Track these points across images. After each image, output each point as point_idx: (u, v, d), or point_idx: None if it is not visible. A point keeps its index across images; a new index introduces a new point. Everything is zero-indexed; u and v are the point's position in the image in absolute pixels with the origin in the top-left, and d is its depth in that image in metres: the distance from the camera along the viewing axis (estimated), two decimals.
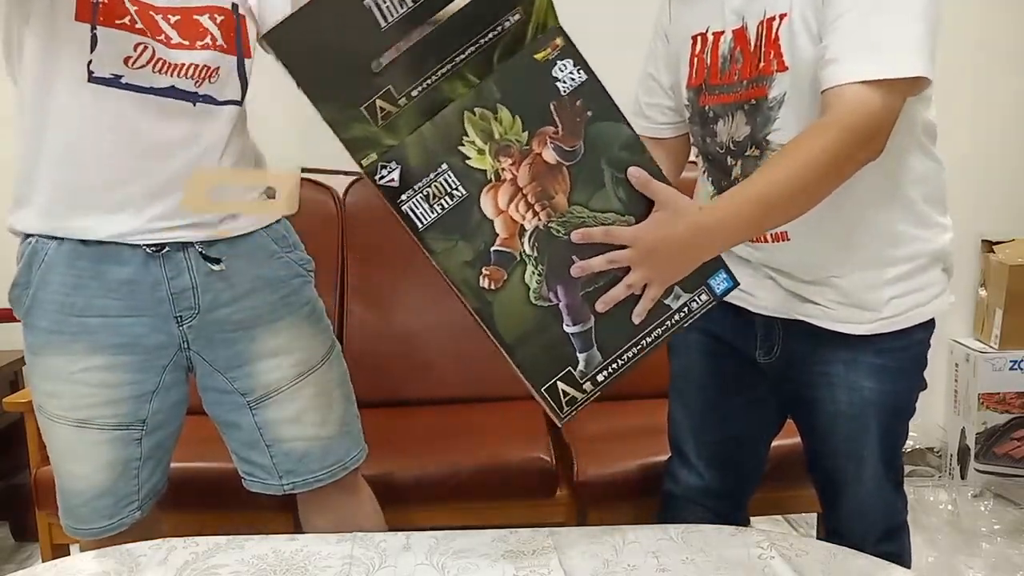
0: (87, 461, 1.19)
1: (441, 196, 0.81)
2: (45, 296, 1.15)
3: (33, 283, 1.15)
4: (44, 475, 1.73)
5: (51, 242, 1.14)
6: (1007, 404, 2.44)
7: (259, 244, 1.23)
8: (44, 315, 1.16)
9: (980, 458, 2.47)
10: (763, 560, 1.03)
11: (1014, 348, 2.41)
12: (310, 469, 1.26)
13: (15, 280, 1.18)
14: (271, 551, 1.06)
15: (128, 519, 1.23)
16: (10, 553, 2.25)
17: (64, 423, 1.18)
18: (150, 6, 1.08)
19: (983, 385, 2.43)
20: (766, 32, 1.08)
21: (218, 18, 1.13)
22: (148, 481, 1.24)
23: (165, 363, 1.20)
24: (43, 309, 1.16)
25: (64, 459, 1.21)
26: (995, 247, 2.47)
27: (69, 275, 1.14)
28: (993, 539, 2.21)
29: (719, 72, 1.15)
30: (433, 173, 0.81)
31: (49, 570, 1.05)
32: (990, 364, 2.43)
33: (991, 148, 2.48)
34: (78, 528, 1.23)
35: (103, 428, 1.18)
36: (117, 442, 1.19)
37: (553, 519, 1.75)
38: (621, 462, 1.70)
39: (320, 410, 1.27)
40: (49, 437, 1.22)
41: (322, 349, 1.28)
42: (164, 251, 1.15)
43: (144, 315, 1.16)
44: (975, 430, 2.45)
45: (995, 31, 2.40)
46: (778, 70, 1.07)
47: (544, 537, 1.08)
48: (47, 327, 1.16)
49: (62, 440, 1.20)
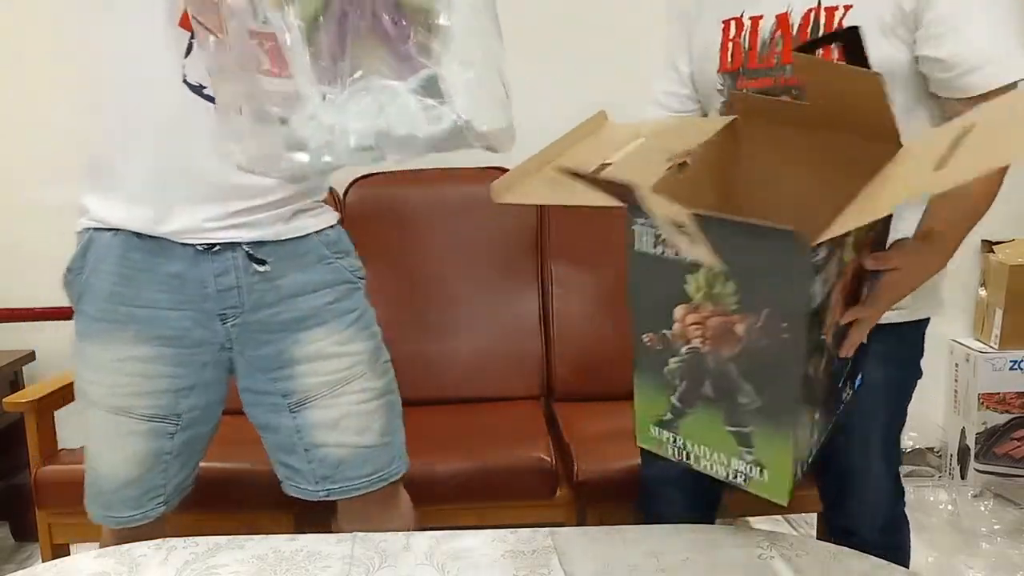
0: (120, 449, 1.21)
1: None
2: (96, 283, 1.18)
3: (86, 270, 1.19)
4: (44, 475, 1.73)
5: (107, 232, 1.17)
6: (1007, 404, 2.44)
7: (309, 248, 1.22)
8: (93, 302, 1.18)
9: (980, 458, 2.47)
10: (763, 560, 1.03)
11: (1014, 348, 2.41)
12: (347, 477, 1.25)
13: (69, 265, 1.21)
14: (271, 551, 1.06)
15: (153, 512, 1.23)
16: (10, 553, 2.25)
17: (102, 409, 1.20)
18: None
19: (983, 385, 2.43)
20: (827, 20, 1.11)
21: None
22: (176, 476, 1.25)
23: (206, 360, 1.20)
24: (93, 296, 1.18)
25: (98, 445, 1.23)
26: (995, 247, 2.47)
27: (121, 265, 1.16)
28: (993, 539, 2.21)
29: (758, 56, 1.17)
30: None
31: (49, 570, 1.05)
32: (990, 364, 2.43)
33: None
34: (105, 515, 1.24)
35: (139, 418, 1.19)
36: (150, 433, 1.20)
37: (553, 519, 1.75)
38: (621, 461, 1.70)
39: (360, 418, 1.25)
40: (87, 422, 1.24)
41: (367, 357, 1.26)
42: (214, 249, 1.16)
43: (190, 310, 1.17)
44: (975, 430, 2.45)
45: None
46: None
47: (544, 537, 1.08)
48: (95, 314, 1.18)
49: (99, 426, 1.21)
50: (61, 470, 1.74)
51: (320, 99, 0.79)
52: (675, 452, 0.95)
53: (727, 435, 0.91)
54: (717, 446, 0.92)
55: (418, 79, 0.79)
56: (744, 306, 0.86)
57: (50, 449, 1.79)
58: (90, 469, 1.25)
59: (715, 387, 0.90)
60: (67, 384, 1.87)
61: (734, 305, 0.86)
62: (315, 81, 0.78)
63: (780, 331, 0.84)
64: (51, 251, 2.30)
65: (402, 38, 0.78)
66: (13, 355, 2.22)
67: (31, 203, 2.29)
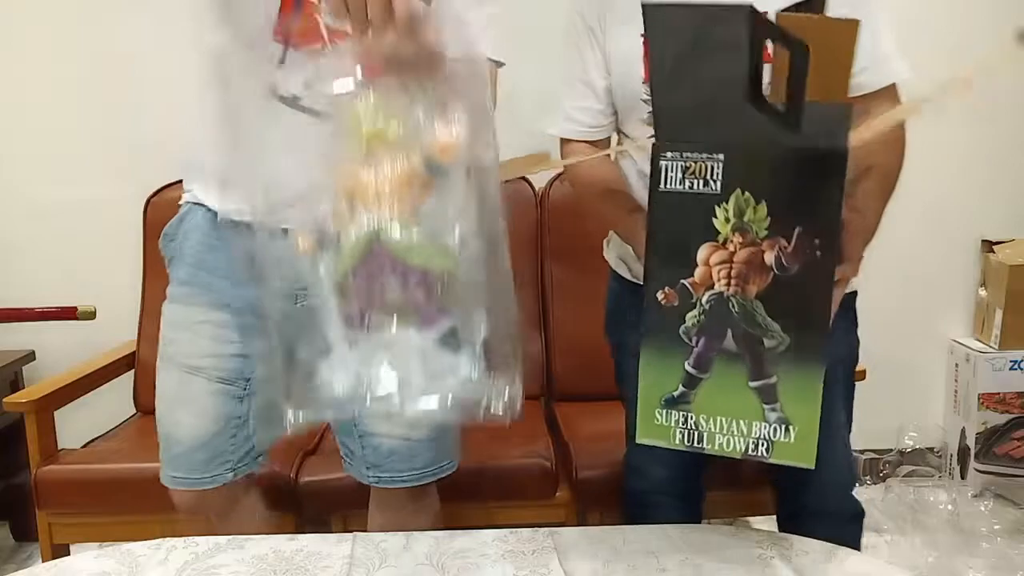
0: (192, 409, 1.25)
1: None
2: (186, 250, 1.26)
3: (179, 236, 1.27)
4: (44, 475, 1.73)
5: (200, 207, 1.25)
6: (1007, 404, 2.44)
7: None
8: (182, 267, 1.26)
9: (980, 458, 2.47)
10: (763, 560, 1.03)
11: (1014, 348, 2.41)
12: (396, 468, 1.28)
13: (165, 230, 1.30)
14: (271, 551, 1.06)
15: (221, 478, 1.25)
16: (10, 553, 2.25)
17: (178, 368, 1.25)
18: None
19: (983, 385, 2.43)
20: None
21: None
22: (244, 445, 1.27)
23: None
24: (183, 261, 1.26)
25: (171, 406, 1.27)
26: (995, 247, 2.47)
27: (208, 236, 1.24)
28: (993, 539, 2.21)
29: None
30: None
31: (49, 570, 1.05)
32: (990, 364, 2.43)
33: (991, 149, 2.48)
34: (173, 477, 1.27)
35: (210, 379, 1.23)
36: (221, 395, 1.24)
37: (553, 519, 1.75)
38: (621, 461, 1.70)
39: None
40: (162, 382, 1.28)
41: None
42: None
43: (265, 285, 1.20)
44: (975, 430, 2.45)
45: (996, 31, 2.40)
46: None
47: (544, 537, 1.08)
48: (182, 278, 1.26)
49: (173, 386, 1.26)
50: (61, 470, 1.74)
51: (347, 347, 0.87)
52: (684, 437, 0.94)
53: (749, 395, 0.90)
54: (736, 412, 0.91)
55: (439, 331, 0.86)
56: (774, 229, 0.87)
57: (50, 449, 1.79)
58: (162, 435, 1.28)
59: (738, 336, 0.90)
60: (67, 384, 1.87)
61: (764, 231, 0.88)
62: (343, 329, 0.86)
63: (812, 249, 0.86)
64: (51, 251, 2.33)
65: (427, 294, 0.85)
66: (13, 355, 2.22)
67: (31, 203, 2.30)
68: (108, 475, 1.75)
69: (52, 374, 1.98)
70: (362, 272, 0.85)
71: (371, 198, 0.84)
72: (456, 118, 0.85)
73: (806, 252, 0.86)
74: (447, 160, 0.84)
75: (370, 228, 0.83)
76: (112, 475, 1.75)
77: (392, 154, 0.84)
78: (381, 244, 0.83)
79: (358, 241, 0.83)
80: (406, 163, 0.84)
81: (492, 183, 0.91)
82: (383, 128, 0.84)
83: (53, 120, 2.28)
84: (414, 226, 0.84)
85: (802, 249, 0.86)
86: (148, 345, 2.14)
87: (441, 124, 0.84)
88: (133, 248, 2.19)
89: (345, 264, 0.85)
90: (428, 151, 0.84)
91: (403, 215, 0.83)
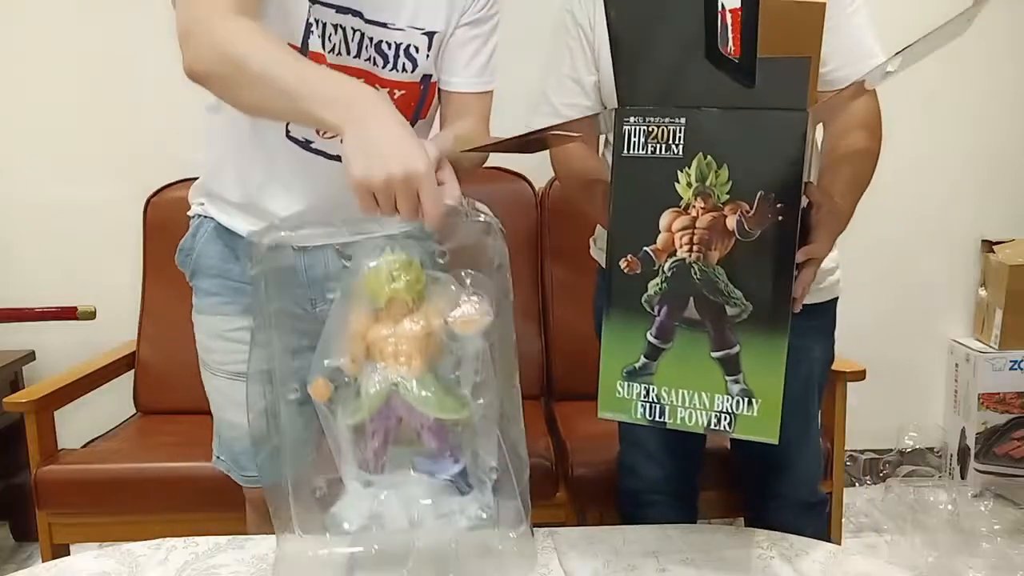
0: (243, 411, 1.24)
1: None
2: (205, 262, 1.25)
3: (196, 250, 1.26)
4: (44, 475, 1.74)
5: (213, 220, 1.24)
6: (1007, 404, 2.44)
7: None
8: (205, 278, 1.26)
9: (980, 458, 2.47)
10: (763, 560, 1.03)
11: (1014, 348, 2.41)
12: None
13: (181, 245, 1.28)
14: (271, 551, 1.06)
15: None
16: (10, 553, 2.25)
17: (222, 376, 1.26)
18: (344, 68, 1.11)
19: (983, 385, 2.43)
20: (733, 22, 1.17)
21: (397, 93, 1.17)
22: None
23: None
24: (205, 273, 1.26)
25: (224, 410, 1.28)
26: (995, 247, 2.47)
27: (226, 247, 1.23)
28: (993, 539, 2.21)
29: None
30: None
31: (49, 570, 1.05)
32: (990, 364, 2.43)
33: (991, 148, 2.48)
34: (243, 475, 1.29)
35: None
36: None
37: (553, 519, 1.75)
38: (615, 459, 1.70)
39: None
40: (209, 390, 1.30)
41: None
42: (307, 250, 1.21)
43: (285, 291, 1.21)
44: (975, 430, 2.45)
45: (996, 31, 2.41)
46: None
47: (544, 537, 1.08)
48: (207, 289, 1.26)
49: (220, 392, 1.27)
50: (61, 470, 1.75)
51: (362, 487, 0.91)
52: (645, 411, 0.93)
53: (711, 365, 0.89)
54: (699, 384, 0.90)
55: (451, 474, 0.91)
56: (736, 193, 0.87)
57: (50, 449, 1.79)
58: (222, 435, 1.31)
59: (700, 304, 0.89)
60: (67, 384, 1.87)
61: (725, 195, 0.87)
62: (357, 471, 0.90)
63: (774, 213, 0.85)
64: (51, 251, 2.33)
65: (440, 441, 0.90)
66: (13, 355, 2.22)
67: (31, 203, 2.30)
68: (108, 475, 1.75)
69: (52, 374, 1.98)
70: (378, 419, 0.89)
71: (390, 354, 0.88)
72: (481, 294, 0.88)
73: (767, 216, 0.86)
74: (468, 332, 0.88)
75: (388, 383, 0.87)
76: (112, 475, 1.75)
77: (413, 315, 0.88)
78: (399, 396, 0.87)
79: (377, 394, 0.88)
80: (427, 325, 0.88)
81: (508, 334, 0.92)
82: (405, 289, 0.87)
83: (53, 120, 2.28)
84: (431, 382, 0.88)
85: (764, 212, 0.86)
86: (148, 345, 2.14)
87: (465, 296, 0.88)
88: (133, 248, 2.19)
89: (363, 412, 0.89)
90: (451, 323, 0.87)
91: (420, 371, 0.87)
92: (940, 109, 2.42)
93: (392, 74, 1.16)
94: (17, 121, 2.28)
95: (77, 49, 2.25)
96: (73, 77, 2.26)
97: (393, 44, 1.14)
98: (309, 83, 0.87)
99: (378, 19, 1.12)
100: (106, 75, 2.27)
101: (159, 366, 2.12)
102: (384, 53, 1.14)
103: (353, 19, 1.11)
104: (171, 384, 2.06)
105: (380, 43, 1.14)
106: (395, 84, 1.17)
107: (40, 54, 2.26)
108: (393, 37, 1.14)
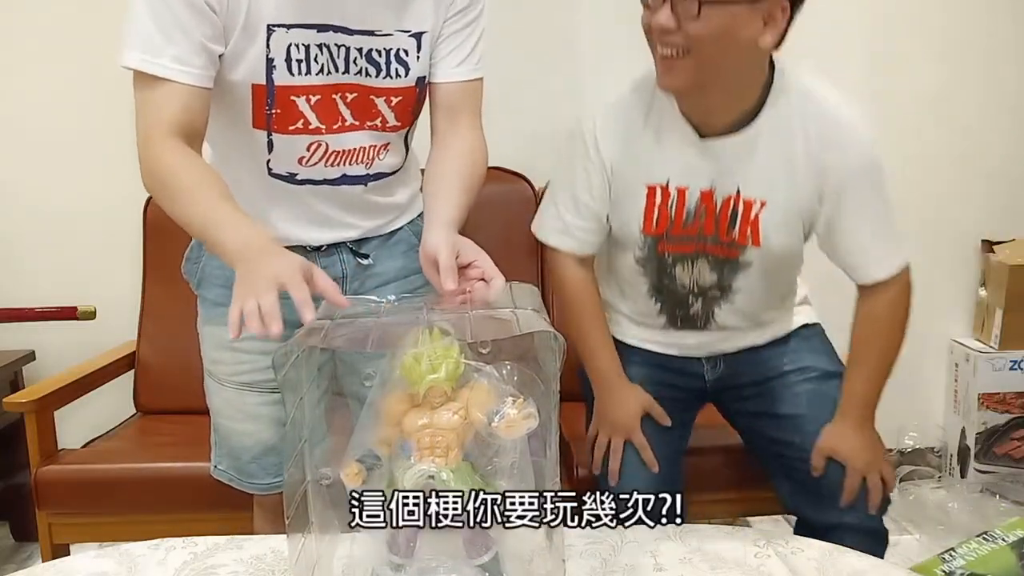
0: (253, 420, 1.27)
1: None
2: (212, 271, 1.26)
3: (202, 259, 1.27)
4: (44, 475, 1.74)
5: None
6: (1007, 404, 2.44)
7: (401, 238, 1.31)
8: (212, 288, 1.26)
9: (980, 458, 2.47)
10: (759, 559, 1.03)
11: (1014, 348, 2.41)
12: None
13: (186, 255, 1.30)
14: (270, 551, 1.06)
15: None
16: (10, 553, 2.26)
17: (229, 386, 1.27)
18: (334, 87, 1.13)
19: (983, 385, 2.43)
20: (744, 211, 1.29)
21: (394, 100, 1.18)
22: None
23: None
24: (211, 283, 1.26)
25: (231, 420, 1.29)
26: (995, 247, 2.47)
27: None
28: None
29: (683, 224, 1.32)
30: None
31: (49, 570, 1.06)
32: (990, 364, 2.42)
33: (991, 148, 2.48)
34: (250, 483, 1.30)
35: (263, 391, 1.25)
36: (276, 403, 1.24)
37: None
38: None
39: None
40: (215, 400, 1.31)
41: None
42: (322, 249, 1.23)
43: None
44: (975, 430, 2.45)
45: (997, 31, 2.41)
46: (753, 244, 1.31)
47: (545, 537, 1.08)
48: (214, 299, 1.26)
49: (228, 402, 1.28)
50: (61, 470, 1.74)
51: (391, 572, 0.90)
52: None
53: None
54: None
55: (482, 560, 0.90)
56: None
57: (50, 449, 1.79)
58: (230, 449, 1.31)
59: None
60: (67, 384, 1.88)
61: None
62: (388, 554, 0.90)
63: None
64: (51, 251, 2.33)
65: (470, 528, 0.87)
66: (13, 355, 2.22)
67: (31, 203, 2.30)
68: (108, 475, 1.76)
69: (52, 374, 1.98)
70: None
71: (427, 445, 0.86)
72: (526, 396, 0.88)
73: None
74: (510, 436, 0.87)
75: (424, 476, 0.85)
76: (112, 475, 1.76)
77: (451, 403, 0.86)
78: (433, 484, 0.85)
79: (411, 483, 0.85)
80: (465, 414, 0.86)
81: (549, 431, 0.94)
82: (445, 378, 0.86)
83: (53, 121, 2.28)
84: (467, 473, 0.87)
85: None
86: (148, 345, 2.14)
87: (510, 397, 0.86)
88: (133, 248, 2.19)
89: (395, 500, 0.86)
90: (495, 427, 0.85)
91: (457, 462, 0.86)
92: (940, 109, 2.41)
93: (387, 82, 1.16)
94: (18, 122, 2.28)
95: (78, 50, 2.25)
96: (73, 78, 2.26)
97: (383, 51, 1.15)
98: (209, 230, 1.02)
99: (364, 28, 1.12)
100: (106, 75, 2.26)
101: (159, 366, 2.12)
102: (375, 61, 1.14)
103: (336, 35, 1.11)
104: (171, 384, 2.06)
105: (370, 52, 1.14)
106: (391, 91, 1.17)
107: (41, 55, 2.26)
108: (382, 44, 1.14)
